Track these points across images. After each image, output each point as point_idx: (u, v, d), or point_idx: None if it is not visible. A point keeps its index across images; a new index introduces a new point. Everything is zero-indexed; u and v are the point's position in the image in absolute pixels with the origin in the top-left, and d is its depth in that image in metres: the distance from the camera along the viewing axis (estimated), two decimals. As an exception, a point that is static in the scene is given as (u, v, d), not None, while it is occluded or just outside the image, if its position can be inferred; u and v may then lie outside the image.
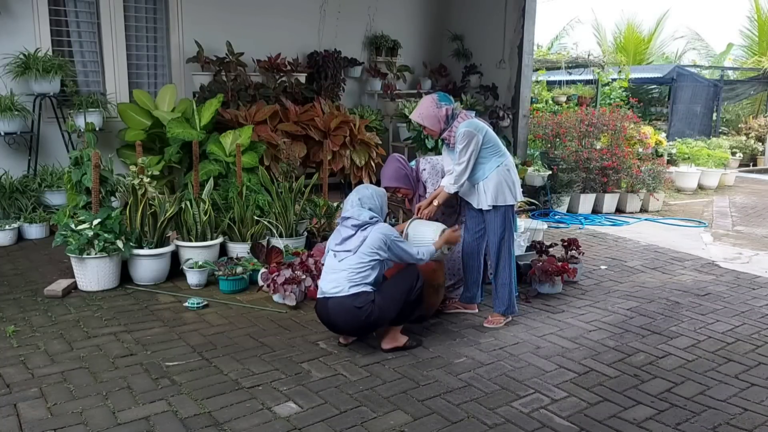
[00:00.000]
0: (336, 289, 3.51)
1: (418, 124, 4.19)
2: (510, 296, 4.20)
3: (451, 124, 4.07)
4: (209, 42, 7.47)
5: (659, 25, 19.39)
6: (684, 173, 10.61)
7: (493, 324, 4.15)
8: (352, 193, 3.85)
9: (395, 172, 4.45)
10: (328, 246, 3.74)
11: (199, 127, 6.62)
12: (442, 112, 4.04)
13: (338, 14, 8.72)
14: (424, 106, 4.09)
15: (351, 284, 3.48)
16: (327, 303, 3.54)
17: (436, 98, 4.10)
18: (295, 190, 5.56)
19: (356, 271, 3.50)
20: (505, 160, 4.12)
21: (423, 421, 2.91)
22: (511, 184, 4.10)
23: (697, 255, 6.27)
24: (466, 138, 3.98)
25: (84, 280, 4.62)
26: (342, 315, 3.49)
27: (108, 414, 2.90)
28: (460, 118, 4.08)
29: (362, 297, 3.46)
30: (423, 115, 4.08)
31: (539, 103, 12.03)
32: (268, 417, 2.91)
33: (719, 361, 3.71)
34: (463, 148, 3.99)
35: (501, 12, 8.74)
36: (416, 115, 4.13)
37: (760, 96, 16.02)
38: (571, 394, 3.23)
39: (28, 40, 6.51)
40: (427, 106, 4.08)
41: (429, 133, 4.18)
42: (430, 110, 4.06)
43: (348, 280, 3.49)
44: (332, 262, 3.62)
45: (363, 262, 3.51)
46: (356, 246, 3.53)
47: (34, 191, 6.29)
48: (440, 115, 4.04)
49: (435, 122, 4.06)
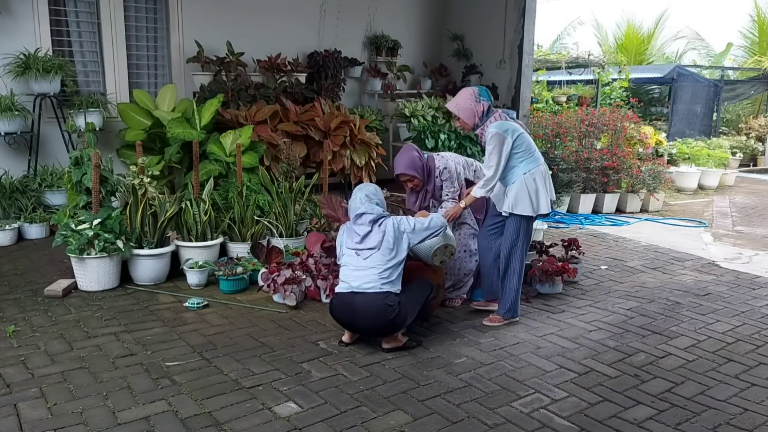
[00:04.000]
0: (368, 285, 3.52)
1: (454, 116, 4.11)
2: (514, 302, 4.17)
3: (485, 122, 3.99)
4: (209, 42, 7.47)
5: (659, 25, 19.38)
6: (684, 173, 10.61)
7: (492, 322, 4.16)
8: (356, 191, 3.87)
9: (411, 161, 4.38)
10: (344, 244, 3.73)
11: (199, 127, 6.62)
12: (479, 107, 3.96)
13: (338, 14, 8.72)
14: (463, 98, 4.01)
15: (383, 281, 3.52)
16: (354, 298, 3.54)
17: (476, 92, 4.00)
18: (295, 190, 5.56)
19: (384, 268, 3.54)
20: (534, 168, 4.00)
21: (423, 421, 2.91)
22: (533, 194, 3.98)
23: (697, 255, 6.27)
24: (495, 140, 3.90)
25: (84, 280, 4.62)
26: (370, 311, 3.50)
27: (108, 414, 2.90)
28: (494, 117, 3.99)
29: (392, 296, 3.51)
30: (460, 106, 4.00)
31: (539, 103, 12.03)
32: (268, 417, 2.91)
33: (719, 361, 3.71)
34: (492, 150, 3.91)
35: (501, 12, 8.74)
36: (453, 104, 4.05)
37: (760, 96, 16.01)
38: (571, 394, 3.23)
39: (28, 40, 6.51)
40: (466, 98, 3.99)
41: (461, 125, 4.10)
42: (467, 102, 3.98)
43: (379, 277, 3.52)
44: (355, 260, 3.62)
45: (389, 259, 3.55)
46: (378, 241, 3.56)
47: (34, 191, 6.29)
48: (477, 110, 3.96)
49: (470, 116, 3.99)
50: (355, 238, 3.67)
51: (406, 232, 3.65)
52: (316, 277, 4.52)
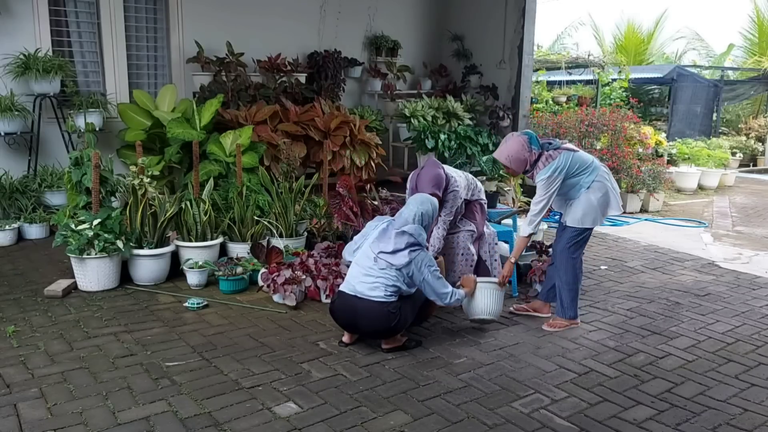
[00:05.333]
0: (373, 292, 3.51)
1: (502, 165, 4.17)
2: (575, 302, 4.16)
3: (535, 166, 4.03)
4: (209, 42, 7.47)
5: (659, 25, 19.38)
6: (684, 173, 10.61)
7: (552, 327, 4.13)
8: (415, 202, 3.76)
9: (437, 179, 4.25)
10: (369, 240, 3.67)
11: (199, 127, 6.62)
12: (532, 156, 4.00)
13: (338, 14, 8.72)
14: (515, 149, 4.01)
15: (388, 293, 3.51)
16: (357, 302, 3.54)
17: (526, 141, 4.01)
18: (295, 190, 5.56)
19: (393, 282, 3.52)
20: (594, 179, 4.03)
21: (423, 422, 2.91)
22: (600, 207, 4.03)
23: (697, 255, 6.27)
24: (545, 183, 3.96)
25: (84, 280, 4.62)
26: (372, 317, 3.51)
27: (108, 414, 2.90)
28: (542, 163, 4.01)
29: (394, 303, 3.51)
30: (512, 158, 4.01)
31: (539, 103, 12.03)
32: (268, 417, 2.91)
33: (719, 361, 3.71)
34: (542, 190, 3.98)
35: (501, 12, 8.74)
36: (504, 156, 4.04)
37: (760, 96, 16.01)
38: (571, 395, 3.23)
39: (28, 40, 6.51)
40: (517, 150, 4.00)
41: (510, 172, 4.22)
42: (520, 154, 4.00)
43: (385, 288, 3.51)
44: (370, 264, 3.58)
45: (401, 277, 3.53)
46: (402, 264, 3.52)
47: (34, 191, 6.29)
48: (529, 159, 4.00)
49: (521, 165, 4.03)
50: (385, 244, 3.58)
51: (426, 281, 3.58)
52: (316, 277, 4.52)
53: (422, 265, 3.55)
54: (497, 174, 7.87)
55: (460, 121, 8.44)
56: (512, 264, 4.15)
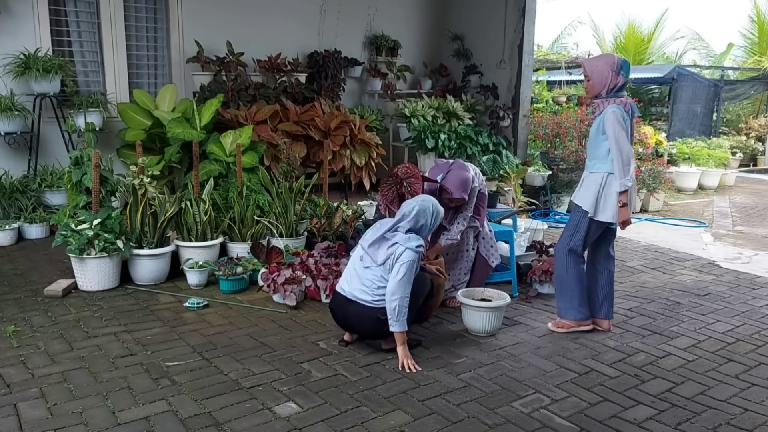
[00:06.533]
0: (363, 296, 3.51)
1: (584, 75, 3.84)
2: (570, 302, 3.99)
3: (608, 98, 3.76)
4: (209, 42, 7.47)
5: (659, 25, 19.39)
6: (684, 173, 10.61)
7: (556, 327, 4.05)
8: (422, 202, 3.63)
9: (466, 184, 4.16)
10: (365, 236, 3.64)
11: (199, 127, 6.62)
12: (615, 80, 3.72)
13: (338, 14, 8.72)
14: (604, 61, 3.77)
15: (377, 297, 3.48)
16: (349, 305, 3.55)
17: (619, 63, 3.74)
18: (295, 190, 5.56)
19: (379, 284, 3.49)
20: None
21: (423, 421, 2.91)
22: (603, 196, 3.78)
23: (697, 255, 6.27)
24: (614, 120, 3.67)
25: (84, 280, 4.62)
26: (363, 322, 3.52)
27: (108, 414, 2.90)
28: (620, 100, 3.74)
29: (383, 310, 3.46)
30: (595, 68, 3.76)
31: (539, 103, 12.01)
32: (268, 417, 2.91)
33: (719, 361, 3.71)
34: (614, 129, 3.67)
35: (501, 12, 8.74)
36: (589, 63, 3.82)
37: (760, 96, 16.02)
38: (571, 394, 3.23)
39: (28, 40, 6.51)
40: (606, 62, 3.75)
41: (587, 87, 3.85)
42: (606, 68, 3.73)
43: (373, 292, 3.49)
44: (358, 263, 3.58)
45: (385, 277, 3.48)
46: (383, 259, 3.48)
47: (34, 191, 6.29)
48: (610, 81, 3.73)
49: (601, 82, 3.74)
50: (372, 239, 3.55)
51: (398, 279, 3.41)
52: (316, 277, 4.52)
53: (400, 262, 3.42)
54: (497, 174, 7.87)
55: (460, 121, 8.44)
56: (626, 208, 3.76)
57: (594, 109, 3.87)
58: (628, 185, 3.72)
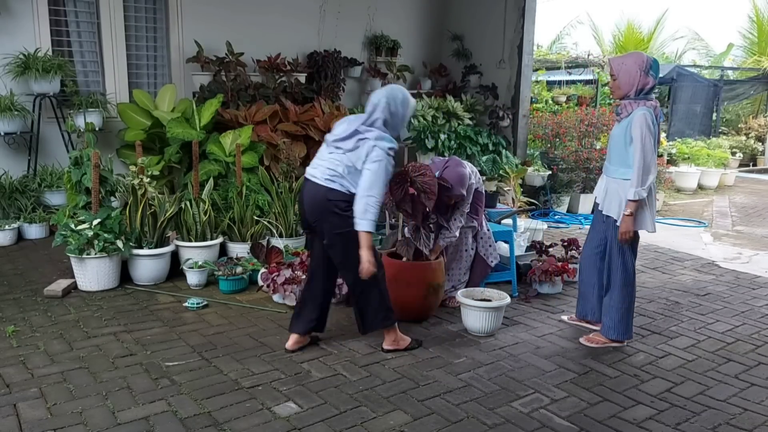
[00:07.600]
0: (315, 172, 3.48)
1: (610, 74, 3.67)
2: (621, 321, 3.78)
3: (636, 99, 3.58)
4: (209, 42, 7.47)
5: (659, 24, 19.39)
6: (684, 173, 10.61)
7: (589, 342, 3.88)
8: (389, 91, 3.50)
9: (462, 180, 4.18)
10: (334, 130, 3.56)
11: (199, 127, 6.62)
12: (643, 81, 3.55)
13: (338, 14, 8.72)
14: (633, 60, 3.58)
15: (326, 175, 3.42)
16: (305, 185, 3.55)
17: (648, 64, 3.56)
18: (295, 190, 5.56)
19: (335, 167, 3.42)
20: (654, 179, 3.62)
21: (423, 421, 2.91)
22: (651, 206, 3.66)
23: (697, 255, 6.27)
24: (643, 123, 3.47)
25: (84, 280, 4.62)
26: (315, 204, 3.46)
27: (108, 414, 2.90)
28: (650, 103, 3.56)
29: (337, 193, 3.38)
30: (623, 67, 3.58)
31: (539, 103, 12.03)
32: (268, 417, 2.91)
33: (719, 361, 3.71)
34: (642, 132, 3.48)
35: (501, 12, 8.74)
36: (618, 62, 3.63)
37: (760, 96, 16.02)
38: (570, 394, 3.23)
39: (28, 40, 6.51)
40: (635, 61, 3.56)
41: (612, 87, 3.68)
42: (634, 68, 3.54)
43: (326, 169, 3.43)
44: (324, 150, 3.54)
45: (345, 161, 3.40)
46: (349, 148, 3.41)
47: (34, 191, 6.29)
48: (638, 82, 3.55)
49: (628, 82, 3.56)
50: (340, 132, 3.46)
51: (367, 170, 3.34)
52: (316, 277, 4.51)
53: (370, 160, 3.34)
54: (497, 174, 7.87)
55: (460, 121, 8.44)
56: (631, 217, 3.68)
57: (620, 111, 3.67)
58: (643, 195, 3.56)
